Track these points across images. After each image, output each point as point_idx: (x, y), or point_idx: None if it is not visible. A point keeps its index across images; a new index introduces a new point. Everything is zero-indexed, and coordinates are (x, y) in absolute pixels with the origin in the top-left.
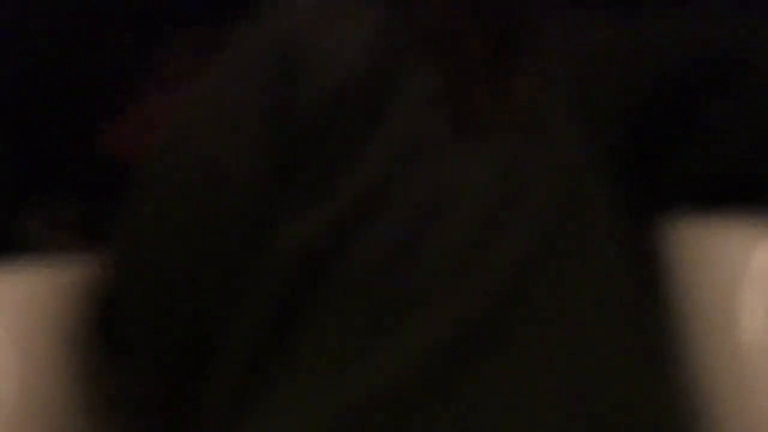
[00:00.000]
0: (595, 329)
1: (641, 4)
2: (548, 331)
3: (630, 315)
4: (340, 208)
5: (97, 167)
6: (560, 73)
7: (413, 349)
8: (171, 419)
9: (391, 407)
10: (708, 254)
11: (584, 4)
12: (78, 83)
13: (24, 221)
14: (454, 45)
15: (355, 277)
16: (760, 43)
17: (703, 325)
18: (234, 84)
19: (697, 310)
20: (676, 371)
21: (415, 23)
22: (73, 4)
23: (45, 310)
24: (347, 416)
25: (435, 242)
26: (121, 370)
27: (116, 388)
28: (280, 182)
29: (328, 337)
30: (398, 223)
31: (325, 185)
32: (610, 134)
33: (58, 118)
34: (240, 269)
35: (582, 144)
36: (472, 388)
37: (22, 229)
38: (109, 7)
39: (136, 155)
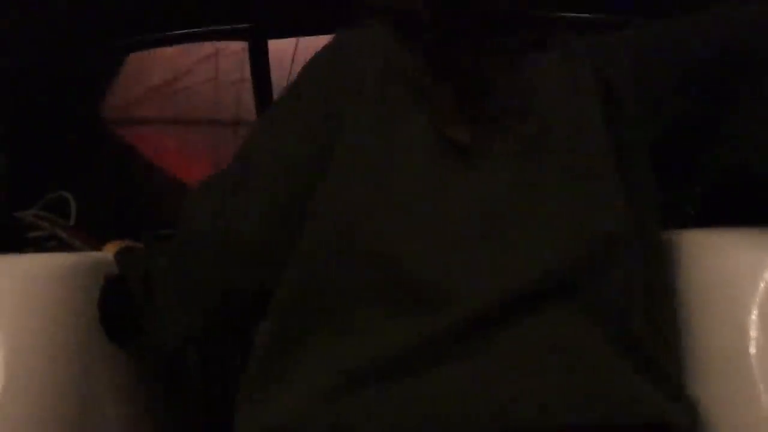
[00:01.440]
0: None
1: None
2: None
3: (641, 329)
4: (345, 215)
5: (97, 164)
6: (585, 78)
7: (411, 334)
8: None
9: (385, 377)
10: (721, 267)
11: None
12: (79, 84)
13: (23, 218)
14: (451, 79)
15: (360, 274)
16: None
17: (715, 336)
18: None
19: (710, 322)
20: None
21: (417, 58)
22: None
23: (42, 303)
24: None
25: (422, 257)
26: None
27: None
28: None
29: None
30: (390, 235)
31: (336, 191)
32: (636, 136)
33: (59, 117)
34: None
35: (604, 152)
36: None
37: (21, 225)
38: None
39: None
